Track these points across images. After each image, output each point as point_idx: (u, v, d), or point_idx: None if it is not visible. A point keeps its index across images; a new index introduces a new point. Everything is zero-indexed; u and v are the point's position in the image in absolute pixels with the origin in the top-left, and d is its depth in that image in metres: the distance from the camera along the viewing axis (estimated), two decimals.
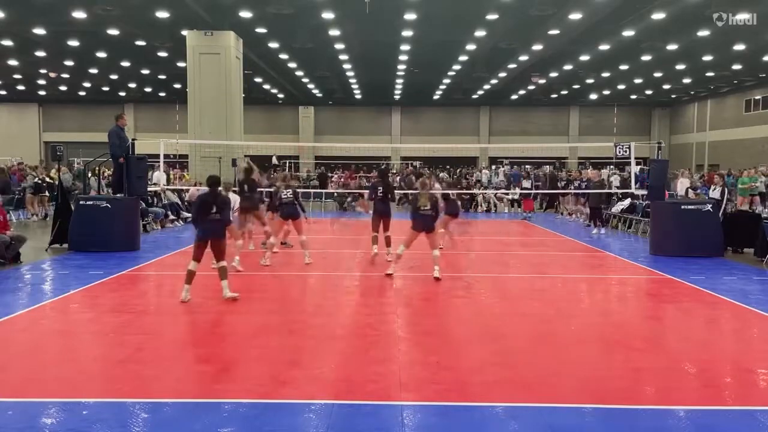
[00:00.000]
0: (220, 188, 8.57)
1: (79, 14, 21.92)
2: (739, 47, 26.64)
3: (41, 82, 39.20)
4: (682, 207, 12.96)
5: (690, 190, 17.84)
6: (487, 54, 28.68)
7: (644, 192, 15.23)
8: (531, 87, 38.75)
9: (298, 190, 12.81)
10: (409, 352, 6.20)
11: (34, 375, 5.44)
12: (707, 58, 29.25)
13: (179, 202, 19.26)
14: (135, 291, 9.31)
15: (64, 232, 12.79)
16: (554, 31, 23.87)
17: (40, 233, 15.04)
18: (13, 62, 32.24)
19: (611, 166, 30.02)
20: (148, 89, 42.16)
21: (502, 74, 34.42)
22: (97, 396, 4.96)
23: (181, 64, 27.95)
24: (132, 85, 40.70)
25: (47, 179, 19.40)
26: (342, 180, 31.82)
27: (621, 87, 39.24)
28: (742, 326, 7.62)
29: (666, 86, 39.29)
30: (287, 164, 40.91)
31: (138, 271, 10.72)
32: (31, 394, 5.00)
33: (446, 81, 37.31)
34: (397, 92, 42.74)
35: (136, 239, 13.15)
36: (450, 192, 14.68)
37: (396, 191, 20.22)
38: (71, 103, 47.42)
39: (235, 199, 10.24)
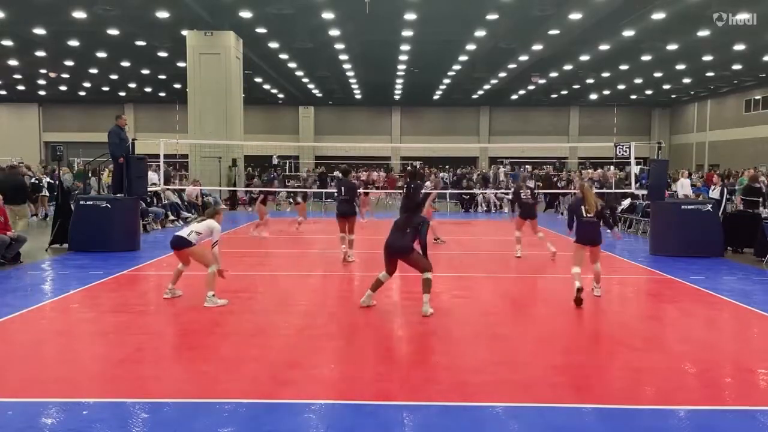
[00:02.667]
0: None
1: (79, 14, 21.93)
2: (739, 47, 26.64)
3: (41, 82, 39.21)
4: (682, 207, 12.95)
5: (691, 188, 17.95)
6: (487, 54, 28.69)
7: (644, 192, 15.25)
8: (531, 87, 38.74)
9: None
10: (409, 352, 6.20)
11: (34, 375, 5.44)
12: (707, 58, 29.26)
13: (179, 202, 19.25)
14: (135, 291, 9.31)
15: (64, 232, 12.80)
16: (554, 31, 23.87)
17: (40, 233, 15.03)
18: (13, 62, 32.25)
19: (612, 167, 30.01)
20: (148, 89, 42.17)
21: (502, 74, 34.43)
22: (97, 396, 4.96)
23: (181, 64, 27.97)
24: (132, 85, 40.72)
25: (46, 179, 19.39)
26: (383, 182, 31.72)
27: (621, 87, 39.25)
28: (742, 326, 7.62)
29: (666, 86, 39.29)
30: (287, 164, 40.92)
31: (138, 271, 10.72)
32: (31, 394, 5.00)
33: (446, 81, 37.32)
34: (397, 92, 42.75)
35: (136, 239, 13.15)
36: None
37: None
38: (71, 103, 47.44)
39: (212, 227, 8.20)
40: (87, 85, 40.24)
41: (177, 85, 36.66)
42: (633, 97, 44.17)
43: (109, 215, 12.59)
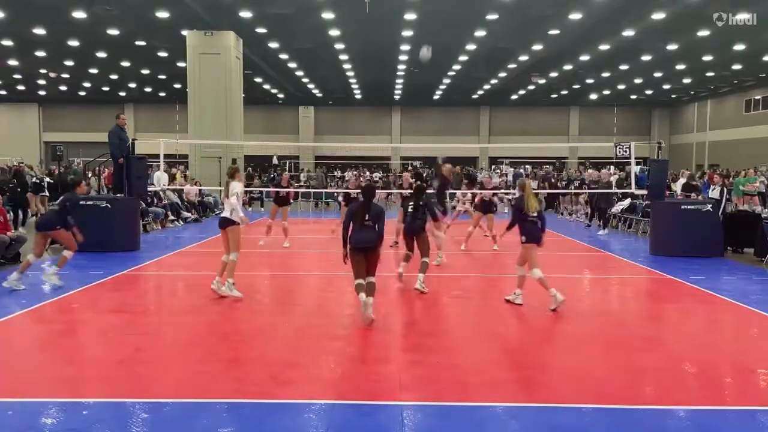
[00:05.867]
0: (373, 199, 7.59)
1: (79, 14, 21.92)
2: (739, 47, 26.64)
3: (41, 82, 39.19)
4: (682, 207, 12.96)
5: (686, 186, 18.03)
6: (487, 54, 28.69)
7: (644, 192, 15.24)
8: (531, 87, 38.74)
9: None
10: (409, 352, 6.20)
11: (34, 375, 5.44)
12: (707, 58, 29.25)
13: (179, 202, 19.26)
14: (135, 291, 9.31)
15: None
16: (554, 31, 23.88)
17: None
18: (13, 62, 32.24)
19: (611, 167, 29.97)
20: (148, 89, 42.16)
21: (502, 74, 34.43)
22: (97, 396, 4.96)
23: (181, 64, 27.96)
24: (132, 85, 40.70)
25: (47, 179, 19.39)
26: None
27: (621, 87, 39.23)
28: (742, 326, 7.62)
29: (666, 86, 39.28)
30: (287, 164, 40.93)
31: (138, 271, 10.72)
32: (31, 394, 4.99)
33: (446, 81, 37.31)
34: (397, 92, 42.73)
35: (136, 239, 13.15)
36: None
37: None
38: (71, 103, 47.41)
39: (231, 189, 8.38)
40: (87, 85, 40.21)
41: (177, 85, 36.65)
42: (633, 97, 44.15)
43: (109, 215, 12.58)
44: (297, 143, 45.88)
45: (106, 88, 41.35)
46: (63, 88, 41.41)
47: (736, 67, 31.92)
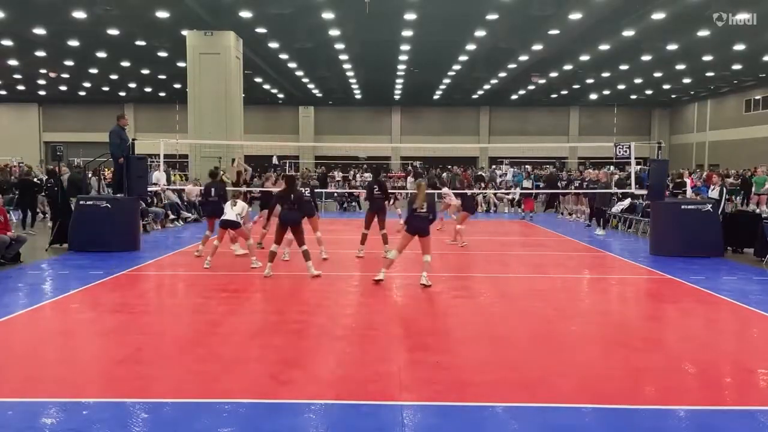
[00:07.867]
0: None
1: (79, 14, 21.94)
2: (739, 47, 26.65)
3: (41, 82, 39.21)
4: (682, 207, 12.95)
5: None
6: (487, 54, 28.70)
7: (644, 192, 15.25)
8: (531, 87, 38.74)
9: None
10: (409, 352, 6.20)
11: (34, 375, 5.44)
12: (707, 58, 29.27)
13: (179, 202, 19.25)
14: (135, 291, 9.30)
15: (64, 232, 12.80)
16: (554, 31, 23.89)
17: (40, 233, 15.04)
18: (13, 62, 32.26)
19: (612, 167, 29.97)
20: (148, 89, 42.18)
21: (502, 74, 34.44)
22: (97, 396, 4.96)
23: (181, 64, 27.98)
24: (132, 85, 40.72)
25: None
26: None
27: (621, 87, 39.25)
28: (742, 326, 7.62)
29: (666, 86, 39.30)
30: (287, 164, 40.92)
31: (138, 271, 10.72)
32: (31, 394, 4.99)
33: (446, 81, 37.32)
34: (397, 92, 42.75)
35: (136, 239, 13.15)
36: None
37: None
38: (71, 103, 47.44)
39: (243, 205, 11.04)
40: (87, 85, 40.24)
41: (177, 85, 36.66)
42: (633, 97, 44.17)
43: (109, 215, 12.58)
44: (297, 143, 45.90)
45: (106, 88, 41.38)
46: (63, 88, 41.44)
47: (736, 67, 31.94)
